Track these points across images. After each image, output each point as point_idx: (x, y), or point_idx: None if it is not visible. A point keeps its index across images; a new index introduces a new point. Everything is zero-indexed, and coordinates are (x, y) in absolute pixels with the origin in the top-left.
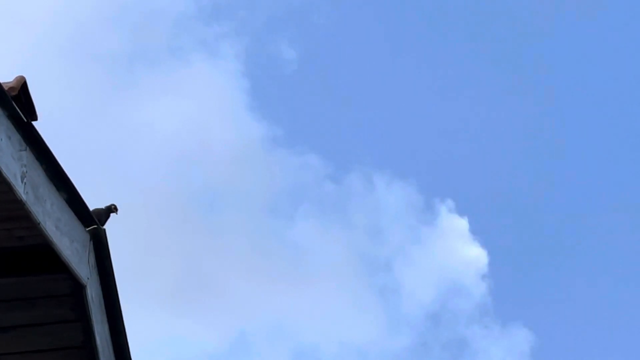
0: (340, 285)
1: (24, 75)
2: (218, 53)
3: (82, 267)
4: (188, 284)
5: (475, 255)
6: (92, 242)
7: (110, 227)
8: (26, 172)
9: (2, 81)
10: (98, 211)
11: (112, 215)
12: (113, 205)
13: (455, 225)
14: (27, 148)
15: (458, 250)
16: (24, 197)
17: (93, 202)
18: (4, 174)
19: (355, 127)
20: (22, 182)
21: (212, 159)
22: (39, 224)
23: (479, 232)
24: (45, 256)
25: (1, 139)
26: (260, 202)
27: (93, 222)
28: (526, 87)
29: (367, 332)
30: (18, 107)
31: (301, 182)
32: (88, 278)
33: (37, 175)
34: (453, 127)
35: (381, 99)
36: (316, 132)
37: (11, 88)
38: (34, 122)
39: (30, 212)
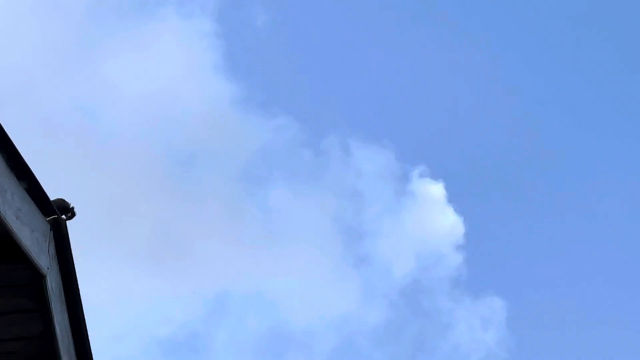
0: (316, 252)
1: None
2: (190, 11)
3: (42, 257)
4: (162, 247)
5: (452, 223)
6: (52, 232)
7: (84, 188)
8: None
9: None
10: (59, 201)
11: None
12: (71, 206)
13: (431, 191)
14: None
15: (434, 218)
16: None
17: (61, 170)
18: None
19: (326, 90)
20: None
21: (185, 119)
22: None
23: (455, 197)
24: (4, 246)
25: None
26: (234, 164)
27: (54, 212)
28: (498, 46)
29: (343, 303)
30: None
31: (275, 145)
32: (48, 268)
33: None
34: (424, 91)
35: (352, 63)
36: (289, 94)
37: None
38: None
39: None
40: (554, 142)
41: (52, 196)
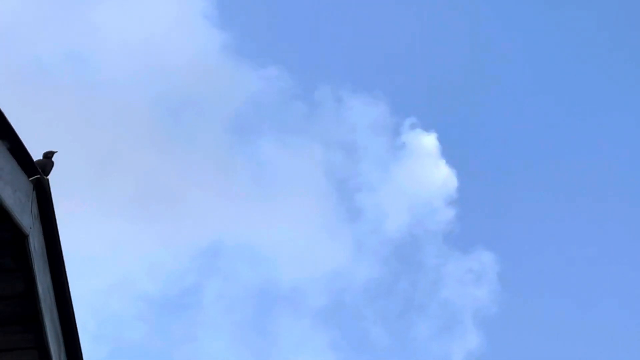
0: (308, 205)
1: None
2: None
3: (25, 216)
4: (152, 198)
5: (444, 176)
6: (35, 192)
7: (72, 136)
8: None
9: None
10: (42, 161)
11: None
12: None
13: (424, 143)
14: None
15: (427, 171)
16: None
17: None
18: None
19: (317, 39)
20: None
21: (175, 68)
22: None
23: (447, 149)
24: None
25: None
26: (224, 114)
27: (36, 171)
28: None
29: (334, 257)
30: None
31: (266, 96)
32: (31, 228)
33: None
34: (415, 40)
35: (342, 13)
36: (280, 45)
37: None
38: None
39: None
40: (549, 96)
41: (37, 151)
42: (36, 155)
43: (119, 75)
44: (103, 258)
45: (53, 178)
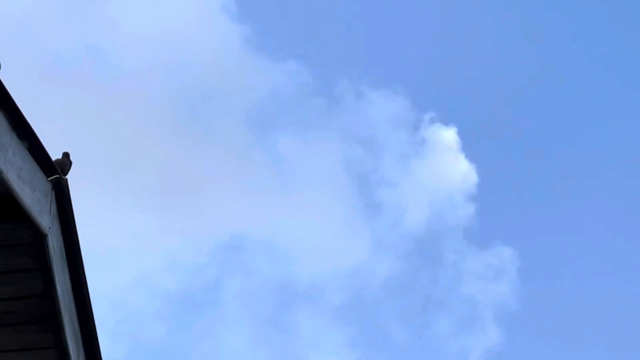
0: (327, 200)
1: None
2: None
3: (44, 216)
4: (171, 193)
5: (464, 171)
6: (54, 192)
7: (92, 131)
8: None
9: None
10: (61, 161)
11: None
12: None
13: (443, 138)
14: None
15: (446, 166)
16: None
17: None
18: None
19: (336, 34)
20: None
21: (194, 62)
22: (0, 172)
23: (467, 144)
24: (6, 205)
25: None
26: (244, 108)
27: (55, 171)
28: None
29: (353, 253)
30: None
31: (286, 90)
32: (49, 227)
33: None
34: (433, 34)
35: (362, 7)
36: (300, 39)
37: None
38: None
39: None
40: (570, 88)
41: (56, 148)
42: (55, 152)
43: (138, 69)
44: (122, 252)
45: (72, 172)
